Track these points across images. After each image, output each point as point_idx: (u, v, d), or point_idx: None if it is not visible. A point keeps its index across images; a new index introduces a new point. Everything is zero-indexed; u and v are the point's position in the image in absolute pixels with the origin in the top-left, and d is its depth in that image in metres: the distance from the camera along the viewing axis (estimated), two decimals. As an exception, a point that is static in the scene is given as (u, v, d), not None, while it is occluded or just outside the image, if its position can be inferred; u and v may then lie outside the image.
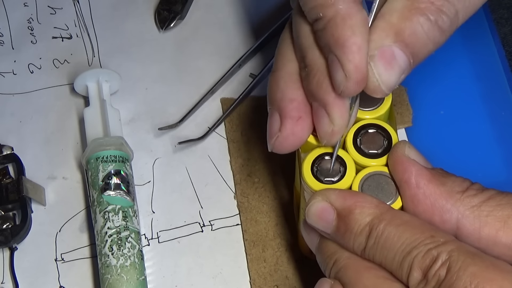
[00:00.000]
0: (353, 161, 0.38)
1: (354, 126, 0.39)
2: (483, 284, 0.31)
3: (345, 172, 0.38)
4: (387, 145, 0.38)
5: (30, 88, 0.55)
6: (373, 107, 0.39)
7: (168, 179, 0.51)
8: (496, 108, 0.52)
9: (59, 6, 0.59)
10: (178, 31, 0.57)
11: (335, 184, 0.38)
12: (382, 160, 0.38)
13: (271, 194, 0.50)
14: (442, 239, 0.33)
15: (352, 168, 0.38)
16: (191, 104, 0.54)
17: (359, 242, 0.35)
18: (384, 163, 0.38)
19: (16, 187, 0.50)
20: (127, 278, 0.45)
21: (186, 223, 0.50)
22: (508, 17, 0.64)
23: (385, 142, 0.38)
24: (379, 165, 0.38)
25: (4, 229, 0.49)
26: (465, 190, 0.35)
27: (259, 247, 0.48)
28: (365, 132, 0.38)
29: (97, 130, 0.50)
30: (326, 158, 0.38)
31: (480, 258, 0.32)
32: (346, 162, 0.38)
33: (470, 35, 0.55)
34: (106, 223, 0.46)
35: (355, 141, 0.38)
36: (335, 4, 0.35)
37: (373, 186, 0.37)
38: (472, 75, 0.54)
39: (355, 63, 0.34)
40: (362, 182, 0.37)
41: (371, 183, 0.37)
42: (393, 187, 0.37)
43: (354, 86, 0.35)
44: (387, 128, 0.38)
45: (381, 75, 0.35)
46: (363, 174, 0.37)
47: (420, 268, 0.33)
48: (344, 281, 0.35)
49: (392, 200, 0.36)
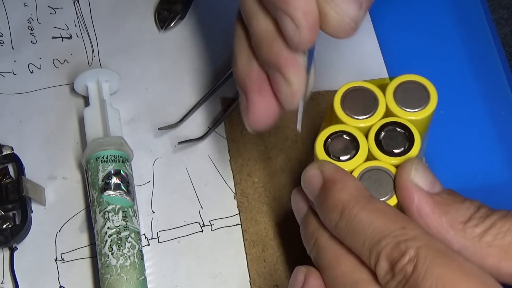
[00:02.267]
0: (367, 147, 0.38)
1: (386, 120, 0.39)
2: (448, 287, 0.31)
3: (355, 154, 0.38)
4: (406, 148, 0.38)
5: (30, 88, 0.55)
6: (418, 109, 0.39)
7: (168, 179, 0.51)
8: (496, 108, 0.52)
9: (59, 6, 0.59)
10: (178, 31, 0.57)
11: (340, 163, 0.38)
12: (393, 160, 0.38)
13: (271, 194, 0.50)
14: (413, 232, 0.33)
15: (364, 153, 0.38)
16: (191, 104, 0.54)
17: (330, 219, 0.35)
18: (394, 163, 0.38)
19: (16, 187, 0.50)
20: (127, 278, 0.45)
21: (186, 223, 0.50)
22: (508, 18, 0.64)
23: (406, 145, 0.38)
24: (388, 162, 0.38)
25: (4, 229, 0.49)
26: (468, 220, 0.35)
27: (259, 247, 0.48)
28: (393, 129, 0.38)
29: (97, 130, 0.50)
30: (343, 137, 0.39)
31: (449, 258, 0.32)
32: (360, 146, 0.38)
33: (470, 35, 0.55)
34: (106, 223, 0.46)
35: (378, 133, 0.38)
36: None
37: (372, 179, 0.37)
38: (472, 75, 0.54)
39: (302, 8, 0.34)
40: (363, 173, 0.37)
41: (372, 175, 0.37)
42: (391, 187, 0.37)
43: (308, 34, 0.35)
44: (414, 134, 0.38)
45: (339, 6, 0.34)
46: (367, 165, 0.38)
47: (388, 259, 0.32)
48: (322, 265, 0.35)
49: (386, 198, 0.37)
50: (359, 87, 0.40)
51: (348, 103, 0.39)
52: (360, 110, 0.39)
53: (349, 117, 0.39)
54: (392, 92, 0.39)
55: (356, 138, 0.38)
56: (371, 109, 0.39)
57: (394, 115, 0.39)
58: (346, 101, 0.39)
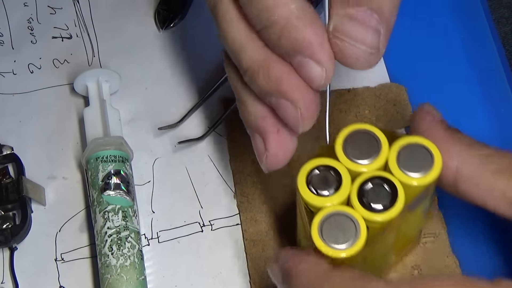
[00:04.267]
0: (348, 191, 0.37)
1: (378, 173, 0.37)
2: None
3: (333, 193, 0.37)
4: (386, 207, 0.36)
5: (30, 88, 0.56)
6: (422, 172, 0.37)
7: (168, 179, 0.51)
8: (496, 108, 0.52)
9: (59, 6, 0.59)
10: (178, 31, 0.57)
11: (328, 197, 0.37)
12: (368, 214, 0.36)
13: (271, 194, 0.50)
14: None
15: (342, 196, 0.37)
16: (191, 104, 0.54)
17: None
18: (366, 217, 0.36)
19: (16, 187, 0.50)
20: (127, 278, 0.45)
21: (186, 223, 0.50)
22: (509, 17, 0.64)
23: (388, 204, 0.36)
24: (360, 213, 0.36)
25: (4, 229, 0.49)
26: (472, 144, 0.38)
27: (259, 247, 0.48)
28: (380, 184, 0.37)
29: (97, 130, 0.50)
30: (330, 172, 0.37)
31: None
32: (341, 188, 0.37)
33: (470, 35, 0.55)
34: (106, 223, 0.46)
35: (365, 183, 0.37)
36: (288, 3, 0.35)
37: (335, 224, 0.36)
38: (472, 75, 0.54)
39: (328, 53, 0.35)
40: (321, 225, 0.36)
41: (336, 220, 0.36)
42: (353, 232, 0.36)
43: (331, 74, 0.35)
44: (398, 198, 0.36)
45: (356, 37, 0.35)
46: (323, 214, 0.36)
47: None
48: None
49: (351, 242, 0.36)
50: (366, 130, 0.38)
51: (351, 143, 0.38)
52: (360, 153, 0.37)
53: (347, 158, 0.37)
54: (396, 152, 0.37)
55: (341, 179, 0.37)
56: (371, 156, 0.37)
57: (391, 173, 0.37)
58: (349, 140, 0.38)
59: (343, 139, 0.38)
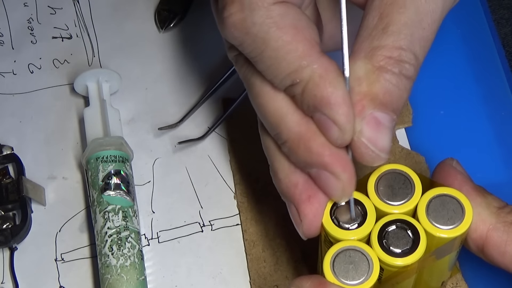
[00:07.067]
0: (374, 208, 0.37)
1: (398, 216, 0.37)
2: None
3: (364, 220, 0.37)
4: (405, 252, 0.36)
5: (30, 88, 0.56)
6: (450, 225, 0.37)
7: (168, 179, 0.51)
8: (496, 108, 0.52)
9: (59, 6, 0.59)
10: (178, 31, 0.57)
11: (352, 231, 0.37)
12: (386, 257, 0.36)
13: (271, 194, 0.50)
14: None
15: (362, 234, 0.37)
16: (191, 104, 0.54)
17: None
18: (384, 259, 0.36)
19: (16, 187, 0.50)
20: (127, 278, 0.45)
21: (186, 223, 0.50)
22: (509, 18, 0.64)
23: (407, 249, 0.36)
24: (377, 254, 0.36)
25: (4, 229, 0.49)
26: (503, 207, 0.37)
27: (259, 247, 0.48)
28: (402, 228, 0.37)
29: (97, 130, 0.50)
30: (357, 206, 0.37)
31: None
32: (367, 209, 0.37)
33: (470, 35, 0.55)
34: (106, 223, 0.46)
35: (386, 225, 0.37)
36: (309, 65, 0.35)
37: (347, 261, 0.36)
38: (472, 75, 0.54)
39: (345, 114, 0.35)
40: (334, 257, 0.36)
41: (350, 254, 0.36)
42: (367, 268, 0.36)
43: (350, 135, 0.35)
44: (420, 244, 0.36)
45: (376, 144, 0.35)
46: (339, 247, 0.36)
47: None
48: None
49: (364, 279, 0.35)
50: (403, 172, 0.38)
51: (384, 181, 0.38)
52: (391, 194, 0.37)
53: (377, 196, 0.37)
54: (427, 199, 0.37)
55: (366, 216, 0.37)
56: (402, 199, 0.37)
57: (418, 220, 0.37)
58: (383, 178, 0.38)
59: (377, 176, 0.38)
